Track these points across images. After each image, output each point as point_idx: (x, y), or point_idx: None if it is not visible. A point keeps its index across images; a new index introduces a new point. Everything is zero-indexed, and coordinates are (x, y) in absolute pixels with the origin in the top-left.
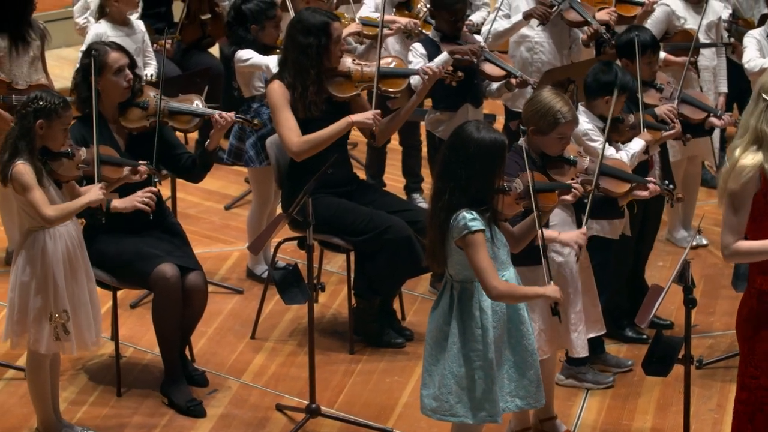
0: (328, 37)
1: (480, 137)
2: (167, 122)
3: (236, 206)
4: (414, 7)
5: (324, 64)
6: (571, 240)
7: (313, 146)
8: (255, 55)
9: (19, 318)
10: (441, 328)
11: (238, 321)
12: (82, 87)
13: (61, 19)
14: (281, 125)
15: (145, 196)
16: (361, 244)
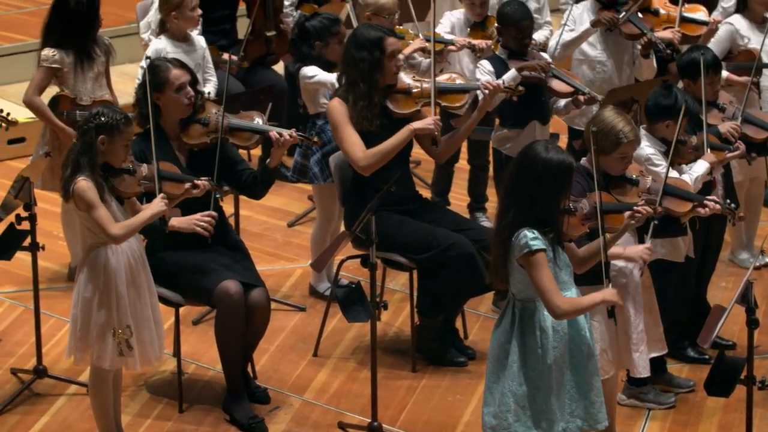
0: (381, 52)
1: (548, 157)
2: (227, 139)
3: (299, 223)
4: (488, 28)
5: (376, 78)
6: (636, 255)
7: (379, 159)
8: (320, 72)
9: (82, 334)
10: (502, 346)
11: (300, 338)
12: (143, 103)
13: (126, 35)
14: (344, 141)
15: (204, 220)
16: (423, 261)
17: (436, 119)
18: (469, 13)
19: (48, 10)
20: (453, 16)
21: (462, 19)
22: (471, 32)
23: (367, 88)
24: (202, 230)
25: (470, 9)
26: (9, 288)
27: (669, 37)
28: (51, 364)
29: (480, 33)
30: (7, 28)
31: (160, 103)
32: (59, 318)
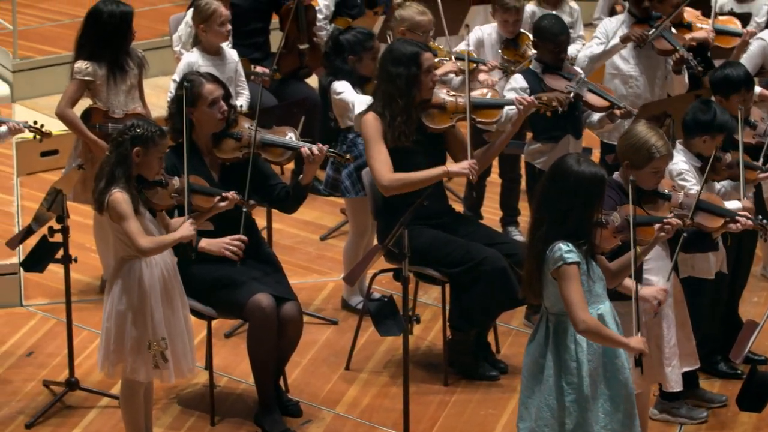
0: (418, 67)
1: (580, 170)
2: (260, 154)
3: (332, 237)
4: (521, 46)
5: (413, 94)
6: (651, 295)
7: (403, 185)
8: (347, 90)
9: (116, 347)
10: (537, 360)
11: (332, 352)
12: (176, 117)
13: (158, 48)
14: (373, 158)
15: (233, 244)
16: (456, 275)
17: (471, 163)
18: (502, 30)
19: (81, 23)
20: (483, 32)
21: (494, 36)
22: (504, 50)
23: (404, 104)
24: (231, 254)
25: (503, 26)
26: (41, 300)
27: (703, 36)
28: (83, 376)
29: (513, 50)
30: (40, 40)
31: (193, 117)
32: (91, 330)
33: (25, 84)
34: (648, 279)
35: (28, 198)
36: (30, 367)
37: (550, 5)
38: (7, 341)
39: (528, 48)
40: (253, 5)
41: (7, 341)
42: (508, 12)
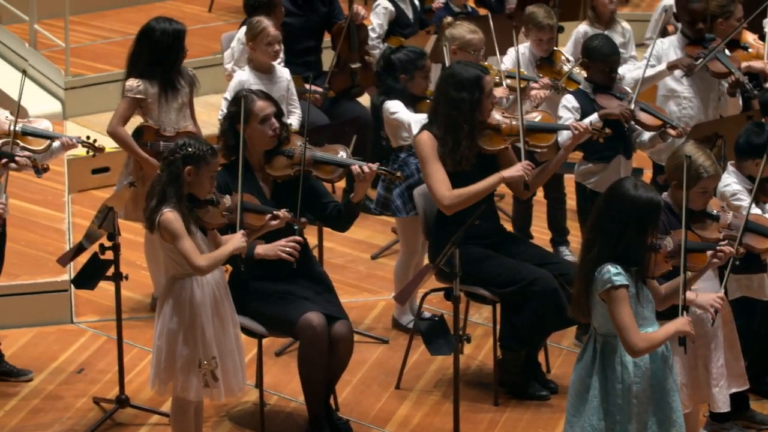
0: (480, 91)
1: (636, 195)
2: (311, 171)
3: (383, 256)
4: (556, 63)
5: (476, 118)
6: (707, 303)
7: (464, 201)
8: (401, 110)
9: (167, 365)
10: (583, 380)
11: (383, 371)
12: (228, 134)
13: (211, 66)
14: (431, 177)
15: (288, 245)
16: (507, 295)
17: (525, 165)
18: (536, 49)
19: (133, 41)
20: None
21: (527, 56)
22: (539, 68)
23: (468, 129)
24: (287, 255)
25: (537, 45)
26: (92, 317)
27: (760, 67)
28: (133, 393)
29: (548, 68)
30: (93, 58)
31: (245, 134)
32: (142, 348)
33: (77, 101)
34: None
35: (79, 215)
36: (80, 384)
37: (601, 25)
38: (58, 358)
39: (563, 64)
40: (306, 24)
41: (58, 358)
42: (543, 30)
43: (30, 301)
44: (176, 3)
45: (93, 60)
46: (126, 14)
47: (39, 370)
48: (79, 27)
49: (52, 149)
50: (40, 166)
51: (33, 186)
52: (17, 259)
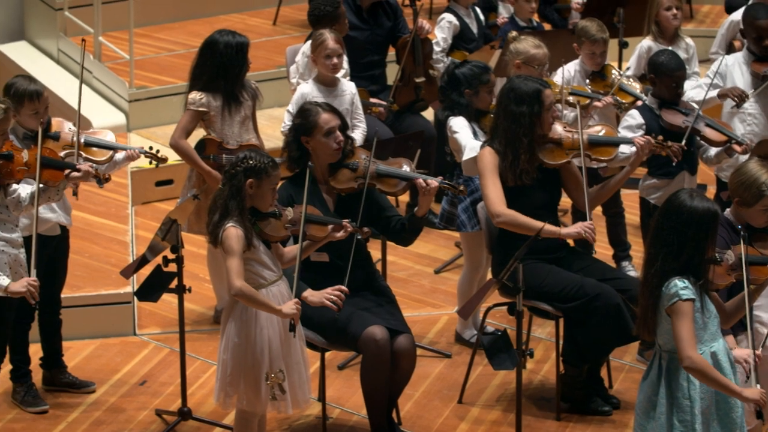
0: (540, 105)
1: (693, 205)
2: (374, 185)
3: (446, 270)
4: (608, 77)
5: (536, 131)
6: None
7: (514, 225)
8: (462, 132)
9: (232, 379)
10: (649, 398)
11: (445, 385)
12: (292, 146)
13: (274, 79)
14: (487, 188)
15: (333, 294)
16: (570, 311)
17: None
18: (588, 63)
19: (196, 53)
20: (569, 71)
21: (579, 70)
22: (591, 81)
23: (528, 142)
24: (331, 305)
25: (590, 59)
26: (155, 330)
27: None
28: (195, 406)
29: (601, 82)
30: (157, 70)
31: (309, 146)
32: (204, 360)
33: (140, 113)
34: (758, 315)
35: (142, 227)
36: (143, 396)
37: (665, 41)
38: (121, 370)
39: (616, 78)
40: (370, 38)
41: (121, 370)
42: (596, 44)
43: (93, 313)
44: (241, 16)
45: (157, 72)
46: (190, 27)
47: (101, 382)
48: (143, 39)
49: (115, 160)
50: (102, 176)
51: (97, 198)
52: (81, 271)
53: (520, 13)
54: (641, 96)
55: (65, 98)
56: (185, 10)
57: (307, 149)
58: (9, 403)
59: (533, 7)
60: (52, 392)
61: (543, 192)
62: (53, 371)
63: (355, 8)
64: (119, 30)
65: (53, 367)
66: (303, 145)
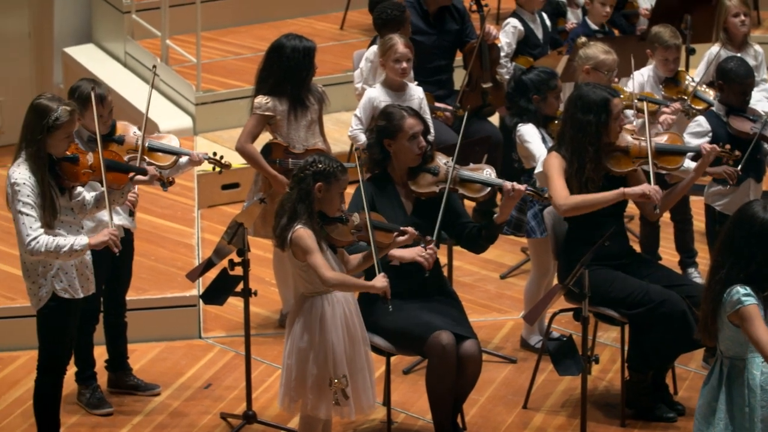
0: (608, 114)
1: (766, 218)
2: (457, 189)
3: (512, 275)
4: (681, 83)
5: (603, 140)
6: None
7: (580, 207)
8: (534, 141)
9: (297, 384)
10: (709, 403)
11: (510, 390)
12: (374, 149)
13: (341, 84)
14: (551, 185)
15: (427, 253)
16: (635, 317)
17: (652, 188)
18: (662, 69)
19: (263, 57)
20: (642, 76)
21: (652, 76)
22: (664, 87)
23: (594, 151)
24: (422, 260)
25: (663, 65)
26: (220, 333)
27: None
28: (260, 409)
29: (674, 88)
30: (224, 74)
31: (391, 149)
32: (269, 364)
33: (207, 117)
34: None
35: (208, 230)
36: (207, 400)
37: (734, 47)
38: (186, 373)
39: (689, 84)
40: (437, 43)
41: (186, 373)
42: (669, 50)
43: (159, 315)
44: (308, 20)
45: (224, 76)
46: (257, 30)
47: (166, 385)
48: (210, 43)
49: (179, 165)
50: (166, 179)
51: (163, 201)
52: (146, 274)
53: (594, 17)
54: (715, 103)
55: (132, 101)
56: (252, 13)
57: (388, 152)
58: (74, 405)
59: (607, 12)
60: (117, 395)
61: None
62: (118, 374)
63: (422, 12)
64: (186, 33)
65: (118, 370)
66: (385, 148)
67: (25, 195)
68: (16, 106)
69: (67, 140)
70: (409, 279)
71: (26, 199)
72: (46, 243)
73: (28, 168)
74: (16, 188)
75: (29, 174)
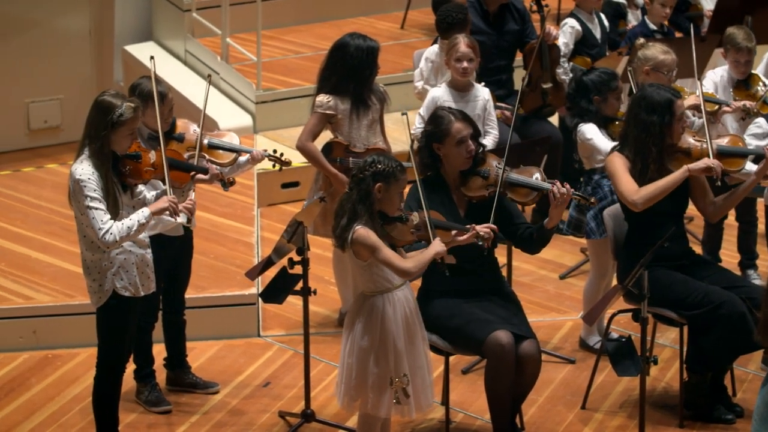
0: (671, 115)
1: None
2: (506, 193)
3: (571, 276)
4: (753, 86)
5: (666, 141)
6: None
7: (650, 197)
8: (597, 136)
9: (357, 383)
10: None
11: (569, 390)
12: (424, 152)
13: (402, 83)
14: (619, 183)
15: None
16: (694, 318)
17: (716, 163)
18: (733, 71)
19: (326, 56)
20: (716, 75)
21: (725, 77)
22: (735, 90)
23: (657, 152)
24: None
25: (734, 67)
26: (279, 331)
27: None
28: (319, 408)
29: (744, 91)
30: (284, 72)
31: (440, 153)
32: (328, 363)
33: (267, 115)
34: None
35: (268, 229)
36: (266, 398)
37: None
38: (244, 371)
39: (760, 88)
40: (498, 43)
41: (244, 371)
42: (740, 52)
43: (217, 314)
44: (369, 19)
45: (284, 74)
46: (318, 29)
47: (225, 383)
48: (271, 41)
49: (239, 163)
50: (227, 179)
51: (222, 199)
52: (206, 272)
53: (653, 16)
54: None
55: (192, 99)
56: (313, 12)
57: (438, 155)
58: (133, 402)
59: (667, 12)
60: (176, 392)
61: (669, 200)
62: (177, 372)
63: (482, 12)
64: (247, 32)
65: (177, 368)
66: (434, 152)
67: (92, 189)
68: (77, 104)
69: (130, 137)
70: (468, 278)
71: (93, 194)
72: (118, 231)
73: (92, 164)
74: (81, 184)
75: (93, 170)
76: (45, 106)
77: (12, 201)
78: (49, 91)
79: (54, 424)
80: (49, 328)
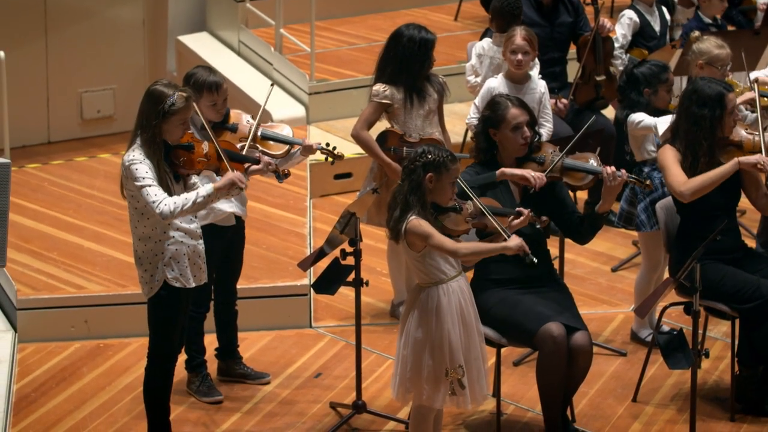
0: (722, 109)
1: None
2: (560, 178)
3: (623, 268)
4: None
5: (717, 134)
6: None
7: (699, 188)
8: (646, 117)
9: (412, 375)
10: None
11: (620, 383)
12: (480, 138)
13: (456, 75)
14: (669, 174)
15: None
16: (746, 311)
17: (766, 160)
18: None
19: (382, 47)
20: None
21: None
22: None
23: (708, 146)
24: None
25: None
26: (331, 322)
27: None
28: (370, 399)
29: None
30: (338, 63)
31: (496, 138)
32: (380, 354)
33: (321, 106)
34: None
35: (320, 220)
36: (317, 389)
37: None
38: (296, 362)
39: None
40: (551, 35)
41: (296, 362)
42: None
43: (269, 304)
44: (422, 11)
45: (337, 65)
46: (372, 21)
47: (276, 374)
48: (324, 32)
49: (292, 154)
50: (281, 171)
51: (275, 190)
52: (258, 263)
53: (708, 9)
54: None
55: (245, 90)
56: (367, 4)
57: (494, 141)
58: (184, 392)
59: (724, 6)
60: (227, 383)
61: (721, 193)
62: (228, 362)
63: (536, 4)
64: (300, 23)
65: (228, 358)
66: (491, 137)
67: (144, 171)
68: (130, 94)
69: (183, 127)
70: (519, 268)
71: (145, 174)
72: (174, 201)
73: (143, 153)
74: (132, 167)
75: (144, 158)
76: (98, 96)
77: (65, 191)
78: (103, 81)
79: (105, 414)
80: (100, 318)
